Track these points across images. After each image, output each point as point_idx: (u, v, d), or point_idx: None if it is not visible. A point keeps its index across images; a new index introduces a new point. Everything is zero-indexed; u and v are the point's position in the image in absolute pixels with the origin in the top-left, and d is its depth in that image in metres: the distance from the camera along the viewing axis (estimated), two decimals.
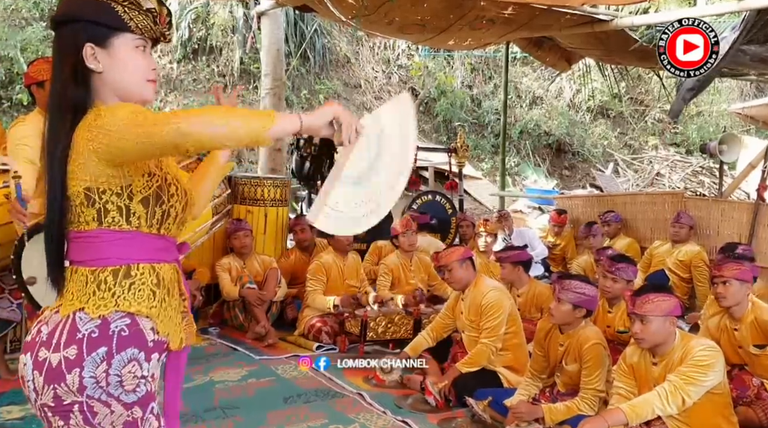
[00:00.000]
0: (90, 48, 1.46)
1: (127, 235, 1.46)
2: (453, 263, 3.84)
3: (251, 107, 11.27)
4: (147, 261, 1.48)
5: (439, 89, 14.01)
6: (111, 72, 1.49)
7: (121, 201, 1.45)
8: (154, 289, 1.47)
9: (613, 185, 13.23)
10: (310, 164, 6.92)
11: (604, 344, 3.27)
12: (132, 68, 1.51)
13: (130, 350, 1.41)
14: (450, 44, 7.94)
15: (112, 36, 1.48)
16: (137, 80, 1.53)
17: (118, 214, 1.45)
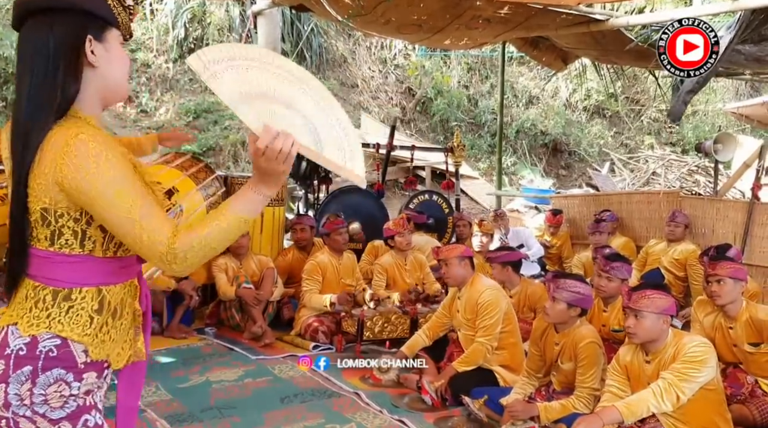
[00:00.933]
0: (89, 41, 1.40)
1: (76, 259, 1.39)
2: (452, 259, 3.86)
3: None
4: (93, 285, 1.41)
5: (436, 89, 14.02)
6: (104, 68, 1.43)
7: (78, 226, 1.38)
8: (92, 315, 1.40)
9: (609, 184, 13.26)
10: (306, 163, 6.91)
11: (599, 342, 3.29)
12: (121, 64, 1.47)
13: (57, 370, 1.36)
14: (446, 44, 7.95)
15: (106, 30, 1.43)
16: (123, 77, 1.49)
17: (73, 237, 1.38)
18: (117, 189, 1.32)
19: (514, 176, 13.70)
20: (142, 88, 11.27)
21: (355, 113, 12.90)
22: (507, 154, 13.61)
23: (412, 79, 14.19)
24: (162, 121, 11.09)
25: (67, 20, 1.38)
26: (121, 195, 1.32)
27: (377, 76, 14.07)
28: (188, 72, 11.77)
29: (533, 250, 6.80)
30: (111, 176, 1.32)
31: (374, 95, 13.75)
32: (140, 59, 11.43)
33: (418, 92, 14.02)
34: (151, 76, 11.46)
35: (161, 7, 11.73)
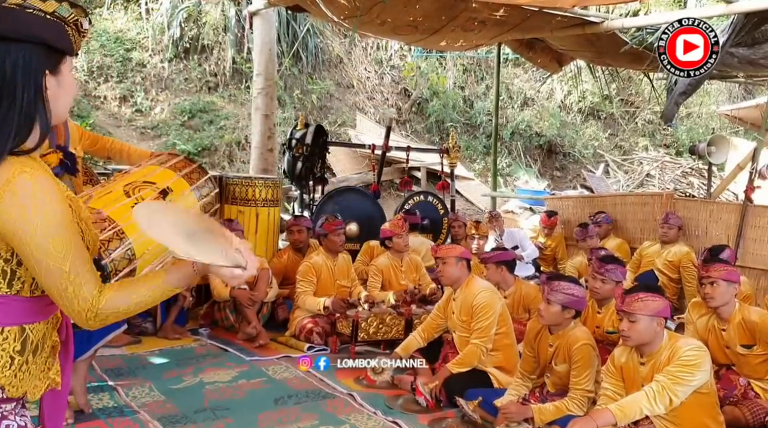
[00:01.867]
0: (45, 76, 1.32)
1: (2, 300, 1.34)
2: (450, 258, 3.86)
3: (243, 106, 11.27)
4: (17, 324, 1.36)
5: (432, 90, 14.03)
6: (53, 100, 1.35)
7: (8, 267, 1.33)
8: (13, 356, 1.35)
9: (604, 185, 13.30)
10: (302, 164, 6.92)
11: (593, 344, 3.29)
12: (69, 92, 1.40)
13: None
14: (442, 45, 7.96)
15: (62, 62, 1.35)
16: (69, 103, 1.42)
17: (1, 277, 1.33)
18: (53, 236, 1.27)
19: (509, 178, 13.72)
20: (138, 88, 11.24)
21: (351, 114, 12.91)
22: (502, 155, 13.63)
23: (407, 80, 14.20)
24: (157, 120, 11.06)
25: (21, 51, 1.28)
26: (55, 243, 1.28)
27: (373, 76, 14.07)
28: (183, 72, 11.76)
29: (527, 251, 6.81)
30: (48, 221, 1.27)
31: (370, 96, 13.75)
32: (135, 59, 11.40)
33: (413, 93, 14.03)
34: (146, 75, 11.42)
35: (156, 7, 11.70)
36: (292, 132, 7.12)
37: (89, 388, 3.51)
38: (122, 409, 3.44)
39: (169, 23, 11.53)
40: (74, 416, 3.24)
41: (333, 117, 12.66)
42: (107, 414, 3.36)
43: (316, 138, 6.89)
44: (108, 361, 4.12)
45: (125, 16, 11.87)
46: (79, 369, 3.31)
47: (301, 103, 12.31)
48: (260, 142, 8.09)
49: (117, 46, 11.29)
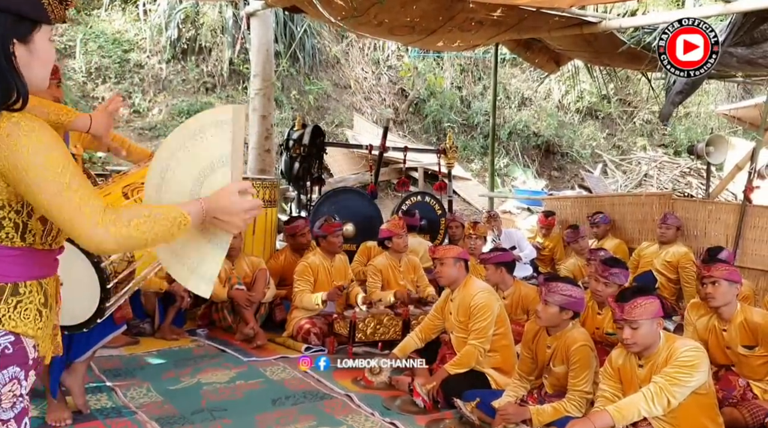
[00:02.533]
0: (12, 45, 1.32)
1: (18, 252, 1.37)
2: (448, 259, 3.85)
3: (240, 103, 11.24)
4: (36, 278, 1.40)
5: (429, 90, 14.02)
6: (25, 69, 1.36)
7: (19, 218, 1.36)
8: (40, 308, 1.40)
9: (602, 186, 13.30)
10: (299, 164, 6.91)
11: (592, 345, 3.29)
12: (45, 63, 1.41)
13: (12, 368, 1.35)
14: (439, 46, 7.96)
15: (34, 31, 1.36)
16: (46, 75, 1.44)
17: (14, 230, 1.36)
18: (48, 156, 1.29)
19: (506, 178, 13.71)
20: (135, 89, 11.22)
21: (348, 114, 12.90)
22: (500, 155, 13.63)
23: (405, 81, 14.19)
24: (155, 121, 11.04)
25: None
26: (51, 162, 1.29)
27: (370, 77, 14.06)
28: (181, 73, 11.74)
29: (525, 252, 6.81)
30: (42, 146, 1.29)
31: (367, 96, 13.74)
32: (133, 60, 11.38)
33: (410, 93, 14.02)
34: (144, 76, 11.41)
35: (154, 8, 11.68)
36: (289, 133, 7.11)
37: (87, 389, 3.50)
38: (120, 410, 3.43)
39: (167, 24, 11.51)
40: (72, 416, 3.23)
41: (330, 117, 12.65)
42: (105, 415, 3.35)
43: (313, 139, 6.88)
44: (106, 362, 4.11)
45: (123, 17, 11.85)
46: (77, 370, 3.31)
47: (299, 103, 12.30)
48: (257, 143, 8.08)
49: (115, 48, 11.27)
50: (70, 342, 3.21)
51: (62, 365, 3.23)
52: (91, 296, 2.63)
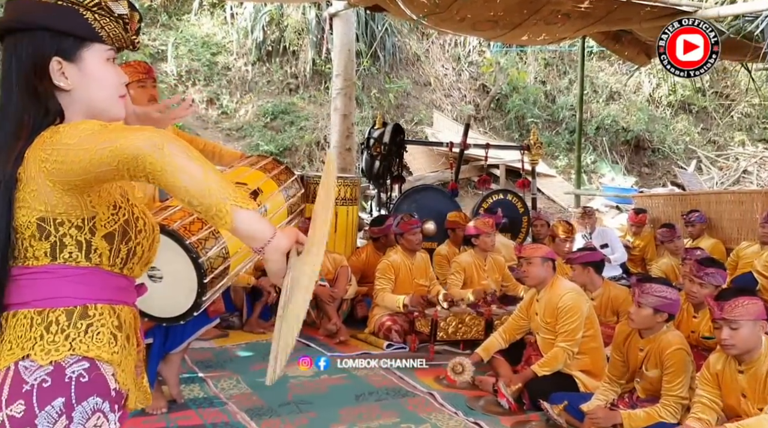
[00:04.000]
0: (57, 63, 1.26)
1: (85, 271, 1.25)
2: (536, 259, 3.77)
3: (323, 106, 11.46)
4: (107, 302, 1.27)
5: (512, 85, 13.79)
6: (81, 90, 1.29)
7: (81, 235, 1.24)
8: (115, 332, 1.25)
9: (696, 183, 12.68)
10: (380, 163, 6.95)
11: (688, 349, 3.13)
12: (104, 84, 1.32)
13: (93, 399, 1.19)
14: (523, 40, 7.80)
15: (81, 48, 1.28)
16: (110, 97, 1.33)
17: (77, 249, 1.24)
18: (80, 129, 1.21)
19: (593, 175, 13.30)
20: (223, 91, 11.63)
21: (428, 112, 12.87)
22: (586, 151, 13.22)
23: (486, 76, 14.01)
24: (242, 122, 11.41)
25: (25, 41, 1.26)
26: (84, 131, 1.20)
27: (450, 73, 13.97)
28: (266, 74, 12.07)
29: (616, 255, 6.51)
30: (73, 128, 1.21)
31: (447, 93, 13.66)
32: (221, 62, 11.80)
33: (492, 89, 13.83)
34: (231, 78, 11.80)
35: (241, 11, 12.07)
36: (370, 131, 7.16)
37: (181, 379, 3.65)
38: (212, 400, 3.56)
39: (253, 27, 11.86)
40: (168, 405, 3.39)
41: (410, 115, 12.67)
42: (198, 405, 3.49)
43: (393, 137, 6.90)
44: (198, 353, 4.28)
45: (211, 21, 12.31)
46: (173, 361, 3.46)
47: (378, 102, 12.38)
48: (339, 141, 8.19)
49: (204, 51, 11.72)
50: (166, 334, 3.36)
51: (159, 357, 3.39)
52: (189, 291, 2.74)
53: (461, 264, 5.21)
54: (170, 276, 2.84)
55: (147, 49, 11.11)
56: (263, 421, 3.31)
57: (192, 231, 2.82)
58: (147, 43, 11.30)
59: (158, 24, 11.83)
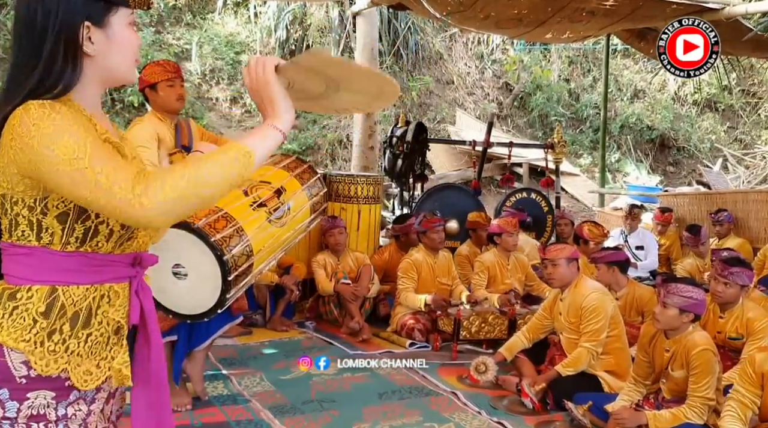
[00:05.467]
0: (87, 28, 1.22)
1: (28, 251, 1.22)
2: (561, 260, 3.74)
3: None
4: (46, 282, 1.22)
5: (535, 83, 13.70)
6: (103, 56, 1.26)
7: (33, 215, 1.21)
8: (36, 318, 1.19)
9: (722, 182, 12.47)
10: (402, 161, 6.95)
11: (714, 350, 3.08)
12: (127, 51, 1.29)
13: None
14: (547, 38, 7.75)
15: (110, 13, 1.25)
16: (129, 64, 1.31)
17: (29, 228, 1.22)
18: (57, 145, 1.13)
19: (618, 173, 13.16)
20: (246, 90, 11.70)
21: (450, 110, 12.84)
22: (611, 150, 13.09)
23: (509, 75, 13.93)
24: None
25: (56, 4, 1.20)
26: (62, 149, 1.13)
27: (473, 72, 13.92)
28: None
29: (647, 261, 6.35)
30: (49, 135, 1.14)
31: (470, 91, 13.61)
32: (245, 61, 11.87)
33: (515, 87, 13.75)
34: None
35: (264, 10, 12.14)
36: (392, 130, 7.17)
37: (205, 376, 3.69)
38: (236, 397, 3.60)
39: (276, 26, 11.93)
40: (192, 402, 3.42)
41: (432, 114, 12.65)
42: (222, 402, 3.52)
43: (416, 135, 6.90)
44: (221, 351, 4.32)
45: (235, 20, 12.40)
46: (197, 358, 3.50)
47: (401, 100, 12.37)
48: (362, 140, 8.21)
49: (228, 50, 11.81)
50: (191, 331, 3.40)
51: (184, 354, 3.43)
52: (213, 288, 2.77)
53: (485, 264, 5.20)
54: (195, 274, 2.88)
55: (171, 48, 11.23)
56: (287, 419, 3.34)
57: (217, 229, 2.85)
58: (171, 42, 11.42)
59: (182, 23, 11.94)
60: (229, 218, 2.94)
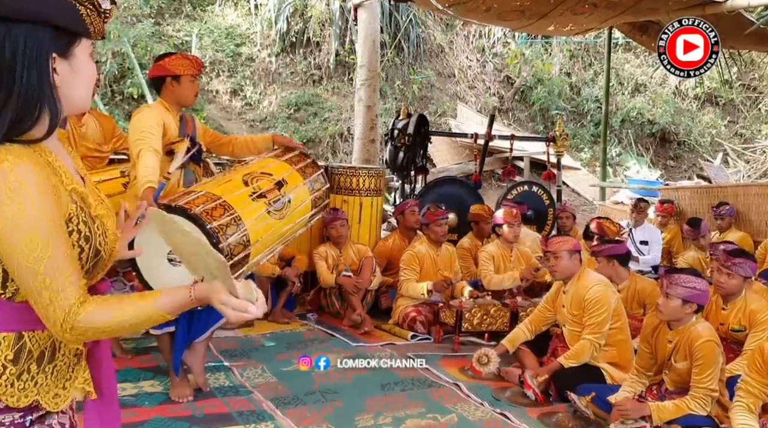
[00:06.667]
0: (53, 59, 1.21)
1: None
2: (563, 252, 3.72)
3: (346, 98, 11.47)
4: (12, 330, 1.25)
5: (536, 77, 13.67)
6: (65, 87, 1.25)
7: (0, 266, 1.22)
8: (6, 365, 1.23)
9: (723, 176, 12.47)
10: (404, 154, 6.93)
11: (718, 341, 3.08)
12: (87, 80, 1.29)
13: None
14: (550, 30, 7.72)
15: (74, 45, 1.25)
16: (87, 93, 1.31)
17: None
18: (26, 231, 1.15)
19: (618, 167, 13.16)
20: (247, 82, 11.67)
21: (452, 103, 12.81)
22: (611, 144, 13.08)
23: (511, 68, 13.90)
24: (265, 113, 11.45)
25: (25, 34, 1.18)
26: (28, 240, 1.15)
27: (475, 65, 13.89)
28: (290, 65, 12.09)
29: (649, 256, 6.32)
30: (22, 214, 1.14)
31: (471, 85, 13.58)
32: (245, 54, 11.84)
33: (517, 81, 13.72)
34: (255, 70, 11.84)
35: (265, 2, 12.09)
36: (394, 122, 7.15)
37: (207, 368, 3.68)
38: (237, 389, 3.59)
39: (277, 18, 11.89)
40: (193, 394, 3.42)
41: (433, 107, 12.62)
42: (224, 393, 3.52)
43: (418, 128, 6.88)
44: (223, 342, 4.32)
45: (235, 12, 12.35)
46: (197, 350, 3.49)
47: (402, 93, 12.35)
48: (363, 133, 8.19)
49: (228, 42, 11.77)
50: (190, 322, 3.39)
51: (184, 345, 3.42)
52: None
53: (490, 253, 5.20)
54: None
55: (171, 40, 11.19)
56: (289, 410, 3.33)
57: (214, 216, 2.83)
58: (171, 34, 11.38)
59: (182, 15, 11.90)
60: (227, 207, 2.92)
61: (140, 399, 3.38)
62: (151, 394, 3.44)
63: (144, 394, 3.43)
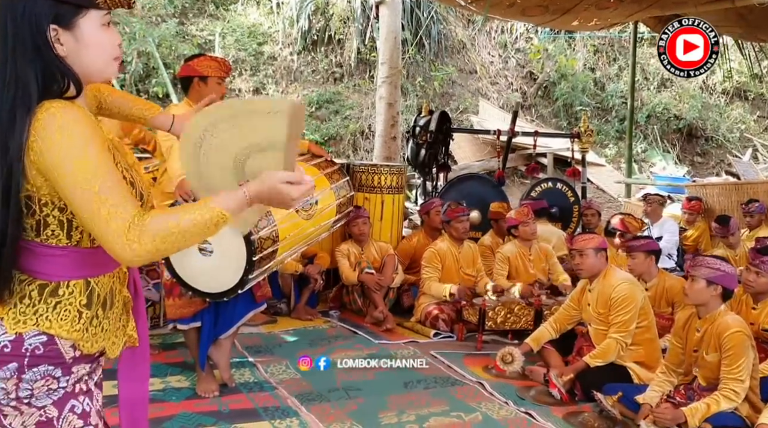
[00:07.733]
0: (53, 31, 1.28)
1: (63, 252, 1.34)
2: (588, 250, 3.68)
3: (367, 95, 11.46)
4: (81, 277, 1.36)
5: (560, 73, 13.51)
6: (74, 56, 1.31)
7: (64, 216, 1.32)
8: (81, 310, 1.35)
9: (752, 172, 12.21)
10: (425, 151, 6.90)
11: (748, 332, 3.01)
12: (98, 50, 1.34)
13: (43, 367, 1.32)
14: (574, 25, 7.64)
15: (77, 16, 1.29)
16: (103, 62, 1.36)
17: (59, 228, 1.32)
18: (78, 160, 1.23)
19: (644, 163, 12.97)
20: (269, 80, 11.72)
21: (473, 100, 12.73)
22: (637, 140, 12.89)
23: (533, 64, 13.77)
24: None
25: (22, 8, 1.26)
26: (82, 166, 1.23)
27: (497, 61, 13.78)
28: (311, 63, 12.11)
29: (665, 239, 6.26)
30: (74, 146, 1.23)
31: (493, 81, 13.48)
32: (267, 52, 11.89)
33: (540, 77, 13.59)
34: (277, 68, 11.88)
35: (286, 1, 12.13)
36: (416, 119, 7.12)
37: (232, 363, 3.71)
38: (262, 384, 3.61)
39: (298, 16, 11.91)
40: (219, 389, 3.44)
41: (455, 104, 12.55)
42: (249, 389, 3.54)
43: (440, 125, 6.84)
44: (247, 339, 4.34)
45: (257, 10, 12.41)
46: (223, 345, 3.51)
47: (423, 90, 12.30)
48: (384, 130, 8.18)
49: (250, 41, 11.82)
50: (216, 318, 3.42)
51: (210, 340, 3.45)
52: (237, 267, 2.79)
53: (505, 255, 5.15)
54: (220, 251, 2.89)
55: (195, 40, 11.27)
56: (313, 406, 3.34)
57: None
58: (195, 34, 11.47)
59: (206, 14, 11.98)
60: None
61: (167, 394, 3.41)
62: (178, 389, 3.47)
63: (171, 389, 3.47)
